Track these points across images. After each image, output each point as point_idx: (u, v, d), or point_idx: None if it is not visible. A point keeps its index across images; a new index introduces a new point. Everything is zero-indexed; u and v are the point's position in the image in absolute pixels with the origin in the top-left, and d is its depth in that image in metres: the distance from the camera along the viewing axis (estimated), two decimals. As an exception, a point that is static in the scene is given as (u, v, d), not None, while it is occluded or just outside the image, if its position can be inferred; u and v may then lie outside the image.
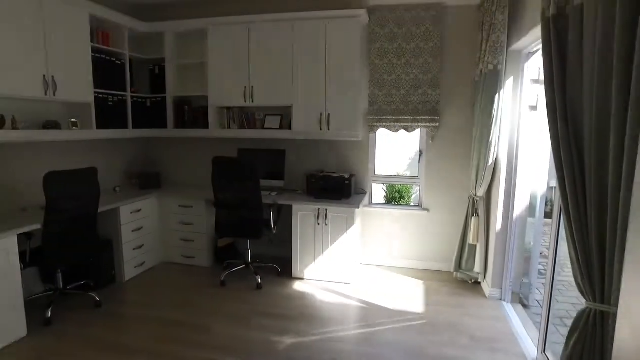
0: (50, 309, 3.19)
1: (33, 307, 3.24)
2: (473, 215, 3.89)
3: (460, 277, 4.11)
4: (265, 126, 4.37)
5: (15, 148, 3.49)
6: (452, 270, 4.13)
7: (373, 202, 4.58)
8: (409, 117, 4.18)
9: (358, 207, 3.80)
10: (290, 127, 4.23)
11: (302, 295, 3.71)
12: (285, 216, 4.24)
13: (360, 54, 3.97)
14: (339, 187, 4.03)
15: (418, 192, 4.51)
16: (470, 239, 3.90)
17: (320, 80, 4.04)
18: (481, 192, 3.78)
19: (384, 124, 4.26)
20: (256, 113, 4.48)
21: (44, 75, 3.33)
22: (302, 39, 4.04)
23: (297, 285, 3.92)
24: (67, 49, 3.52)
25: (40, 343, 2.91)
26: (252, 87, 4.22)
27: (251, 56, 4.19)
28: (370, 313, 3.40)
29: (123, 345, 2.89)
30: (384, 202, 5.51)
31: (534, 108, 3.39)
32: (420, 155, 4.41)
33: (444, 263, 4.35)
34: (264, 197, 3.96)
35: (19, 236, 2.94)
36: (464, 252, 4.04)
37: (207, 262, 4.36)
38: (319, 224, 3.92)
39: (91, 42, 3.82)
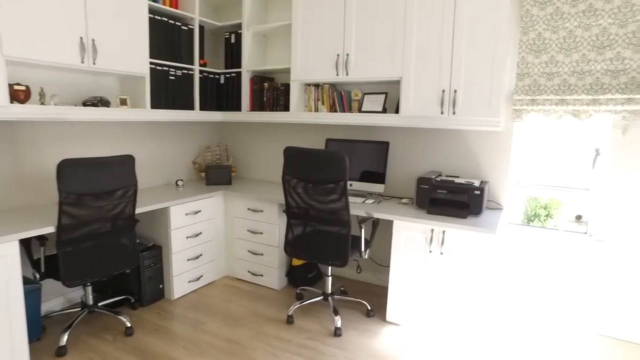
0: (67, 333, 2.48)
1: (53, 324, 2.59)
2: (703, 262, 2.28)
3: (662, 357, 2.51)
4: (363, 109, 3.21)
5: (51, 129, 2.86)
6: (648, 345, 2.54)
7: (511, 220, 3.15)
8: (585, 97, 2.67)
9: (494, 233, 2.44)
10: (397, 110, 3.02)
11: (396, 355, 2.50)
12: (382, 233, 3.06)
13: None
14: (465, 199, 2.72)
15: (583, 212, 2.95)
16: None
17: (445, 41, 2.75)
18: None
19: (540, 107, 2.81)
20: (352, 92, 3.35)
21: (81, 37, 2.61)
22: (420, -18, 2.80)
23: (391, 336, 2.71)
24: (115, 5, 2.78)
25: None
26: (347, 54, 3.10)
27: (347, 10, 3.07)
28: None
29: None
30: (522, 220, 3.95)
31: None
32: (595, 156, 2.86)
33: (632, 330, 2.75)
34: (354, 207, 2.84)
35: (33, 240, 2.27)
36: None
37: (277, 283, 3.37)
38: (431, 252, 2.66)
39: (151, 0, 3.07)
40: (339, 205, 2.57)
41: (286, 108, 3.51)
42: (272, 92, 3.63)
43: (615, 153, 2.69)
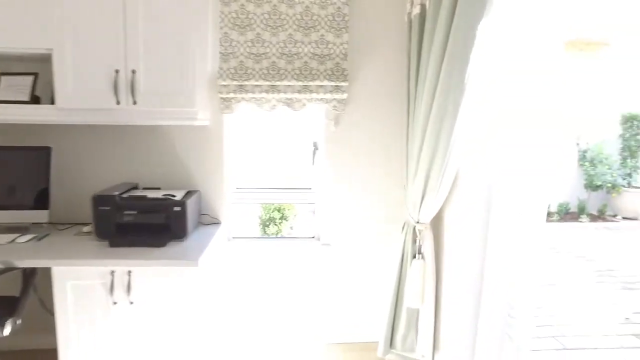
0: None
1: None
2: (414, 256, 2.19)
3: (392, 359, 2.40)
4: (1, 98, 2.09)
5: None
6: (380, 350, 2.38)
7: (237, 234, 2.61)
8: (296, 83, 2.31)
9: (197, 264, 1.79)
10: (52, 101, 2.03)
11: None
12: (44, 283, 2.05)
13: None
14: (163, 220, 2.00)
15: (313, 213, 2.66)
16: (410, 300, 2.19)
17: (114, 2, 1.94)
18: (427, 216, 2.10)
19: (250, 94, 2.32)
20: (-8, 73, 2.18)
21: None
22: None
23: None
24: None
25: None
26: (-42, 10, 1.93)
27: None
28: None
29: None
30: (259, 225, 3.54)
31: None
32: (314, 152, 2.59)
33: (362, 331, 2.60)
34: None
35: None
36: (398, 320, 2.32)
37: None
38: (115, 303, 1.83)
39: None
40: None
41: None
42: None
43: (329, 147, 2.44)
